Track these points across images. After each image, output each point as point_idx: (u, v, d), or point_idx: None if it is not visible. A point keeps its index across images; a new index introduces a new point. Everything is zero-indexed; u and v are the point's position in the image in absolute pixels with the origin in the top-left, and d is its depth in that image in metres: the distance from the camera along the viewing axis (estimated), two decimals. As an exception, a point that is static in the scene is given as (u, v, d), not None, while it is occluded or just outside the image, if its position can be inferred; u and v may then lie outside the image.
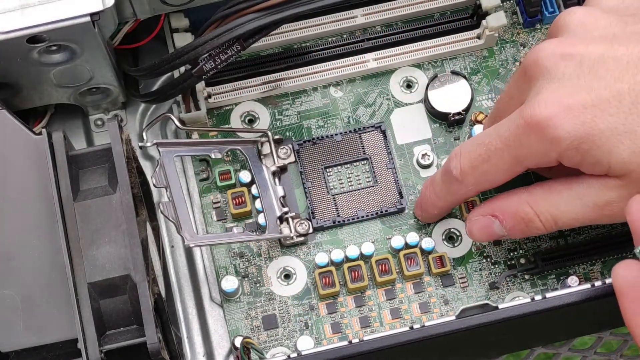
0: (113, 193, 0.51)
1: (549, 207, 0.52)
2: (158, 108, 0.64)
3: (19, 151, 0.52)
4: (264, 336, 0.58)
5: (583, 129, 0.49)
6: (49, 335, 0.49)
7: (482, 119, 0.62)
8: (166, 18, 0.61)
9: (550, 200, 0.52)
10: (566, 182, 0.52)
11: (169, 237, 0.62)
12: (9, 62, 0.55)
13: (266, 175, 0.60)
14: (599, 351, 0.73)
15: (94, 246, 0.50)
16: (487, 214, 0.55)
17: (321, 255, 0.59)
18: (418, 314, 0.59)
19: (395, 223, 0.61)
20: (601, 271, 0.60)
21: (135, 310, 0.49)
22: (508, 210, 0.54)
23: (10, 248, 0.50)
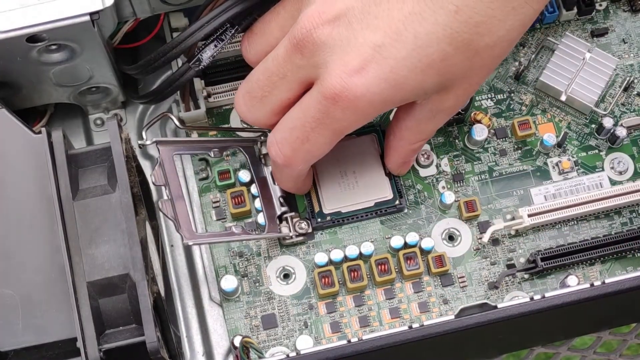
0: (112, 192, 0.51)
1: (424, 133, 0.56)
2: (158, 107, 0.65)
3: (19, 150, 0.52)
4: (263, 335, 0.58)
5: (382, 83, 0.49)
6: (48, 334, 0.49)
7: (481, 118, 0.62)
8: (166, 17, 0.61)
9: (421, 129, 0.56)
10: (416, 109, 0.54)
11: (169, 236, 0.62)
12: (9, 61, 0.55)
13: (265, 175, 0.60)
14: (598, 351, 0.73)
15: (93, 245, 0.50)
16: (401, 164, 0.60)
17: (320, 255, 0.59)
18: (417, 314, 0.59)
19: (394, 223, 0.61)
20: (600, 271, 0.60)
21: (135, 310, 0.49)
22: (411, 153, 0.59)
23: (9, 247, 0.50)
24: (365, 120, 0.52)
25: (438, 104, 0.53)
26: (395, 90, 0.50)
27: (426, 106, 0.53)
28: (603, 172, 0.62)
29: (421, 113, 0.54)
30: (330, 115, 0.50)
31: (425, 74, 0.49)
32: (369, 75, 0.49)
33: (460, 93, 0.52)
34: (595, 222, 0.61)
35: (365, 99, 0.49)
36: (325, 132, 0.51)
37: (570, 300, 0.51)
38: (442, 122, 0.55)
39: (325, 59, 0.50)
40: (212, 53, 0.56)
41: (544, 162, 0.62)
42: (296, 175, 0.56)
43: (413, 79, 0.49)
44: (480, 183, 0.62)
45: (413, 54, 0.48)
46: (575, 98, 0.62)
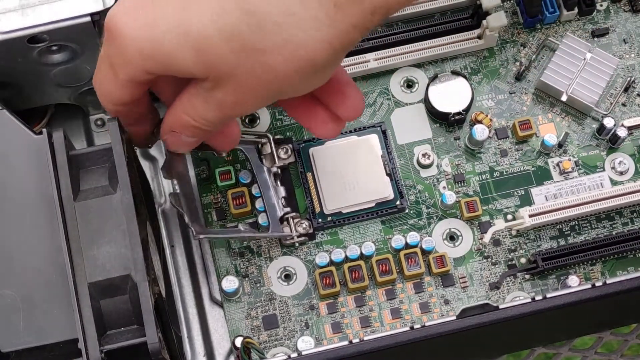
0: (113, 193, 0.51)
1: (195, 111, 0.50)
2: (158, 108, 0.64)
3: (20, 151, 0.52)
4: (264, 336, 0.58)
5: (141, 28, 0.46)
6: (49, 335, 0.49)
7: (482, 118, 0.62)
8: (166, 18, 0.61)
9: (194, 105, 0.50)
10: (195, 83, 0.49)
11: (169, 236, 0.62)
12: (10, 62, 0.55)
13: (267, 176, 0.60)
14: (599, 351, 0.73)
15: (95, 246, 0.50)
16: (168, 131, 0.53)
17: (321, 255, 0.59)
18: (418, 314, 0.59)
19: (395, 223, 0.61)
20: (601, 271, 0.60)
21: (136, 310, 0.49)
22: (178, 124, 0.51)
23: (10, 248, 0.50)
24: (140, 70, 0.47)
25: (209, 91, 0.48)
26: (152, 46, 0.46)
27: (201, 85, 0.48)
28: (604, 172, 0.62)
29: (196, 88, 0.49)
30: (106, 50, 0.48)
31: (182, 45, 0.45)
32: (132, 14, 0.46)
33: (229, 90, 0.47)
34: (596, 222, 0.61)
35: (125, 37, 0.46)
36: (105, 65, 0.49)
37: (572, 300, 0.51)
38: (218, 111, 0.49)
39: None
40: None
41: (544, 162, 0.62)
42: (108, 110, 0.52)
43: (169, 42, 0.45)
44: (481, 183, 0.62)
45: (176, 16, 0.45)
46: (576, 98, 0.62)
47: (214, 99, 0.48)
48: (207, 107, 0.49)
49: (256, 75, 0.46)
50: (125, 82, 0.49)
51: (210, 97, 0.48)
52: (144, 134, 0.54)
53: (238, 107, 0.49)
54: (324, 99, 0.54)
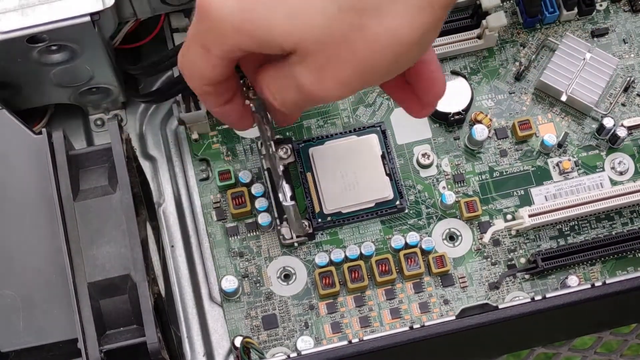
0: (113, 193, 0.51)
1: (276, 92, 0.49)
2: (158, 108, 0.64)
3: (19, 151, 0.52)
4: (264, 336, 0.58)
5: (238, 6, 0.45)
6: (49, 335, 0.49)
7: (482, 118, 0.62)
8: (166, 18, 0.61)
9: (276, 84, 0.49)
10: (280, 64, 0.48)
11: (169, 236, 0.62)
12: (9, 62, 0.55)
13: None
14: (599, 351, 0.73)
15: (94, 246, 0.50)
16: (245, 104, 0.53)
17: (321, 255, 0.59)
18: (418, 314, 0.59)
19: (395, 223, 0.61)
20: (601, 271, 0.60)
21: (135, 310, 0.49)
22: (259, 90, 0.51)
23: (10, 248, 0.50)
24: (226, 52, 0.47)
25: (292, 66, 0.47)
26: (245, 20, 0.45)
27: (284, 66, 0.47)
28: (604, 172, 0.62)
29: (276, 68, 0.48)
30: (198, 29, 0.47)
31: (274, 13, 0.45)
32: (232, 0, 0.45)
33: (313, 67, 0.46)
34: (595, 222, 0.61)
35: (216, 13, 0.46)
36: (196, 45, 0.48)
37: (571, 300, 0.51)
38: (297, 92, 0.48)
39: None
40: None
41: (544, 163, 0.62)
42: (197, 92, 0.51)
43: (262, 13, 0.45)
44: (480, 183, 0.62)
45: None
46: (575, 98, 0.62)
47: (295, 80, 0.47)
48: (290, 90, 0.48)
49: (348, 45, 0.44)
50: (217, 60, 0.48)
51: (293, 77, 0.47)
52: (237, 111, 0.53)
53: (316, 90, 0.47)
54: (411, 80, 0.52)
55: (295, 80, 0.47)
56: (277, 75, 0.48)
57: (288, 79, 0.48)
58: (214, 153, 0.62)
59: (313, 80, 0.46)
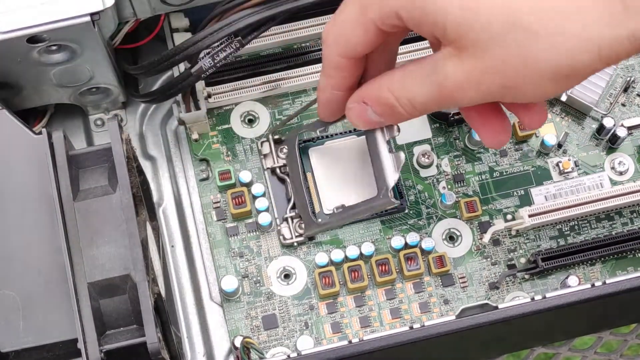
0: (113, 193, 0.51)
1: (404, 90, 0.48)
2: (158, 108, 0.65)
3: (19, 151, 0.52)
4: (264, 336, 0.58)
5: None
6: (49, 335, 0.49)
7: (482, 118, 0.62)
8: (166, 18, 0.61)
9: (405, 83, 0.48)
10: (418, 62, 0.48)
11: (169, 236, 0.62)
12: (9, 62, 0.55)
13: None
14: (599, 351, 0.73)
15: (94, 246, 0.50)
16: (359, 101, 0.51)
17: (321, 255, 0.59)
18: (418, 314, 0.59)
19: (395, 223, 0.61)
20: (601, 271, 0.60)
21: (135, 310, 0.49)
22: (373, 96, 0.50)
23: (10, 248, 0.50)
24: (384, 17, 0.46)
25: (443, 65, 0.46)
26: (423, 3, 0.44)
27: (430, 60, 0.47)
28: (603, 172, 0.62)
29: (416, 66, 0.48)
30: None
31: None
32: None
33: (465, 66, 0.45)
34: (595, 222, 0.61)
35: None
36: (355, 4, 0.48)
37: (571, 300, 0.51)
38: (436, 92, 0.47)
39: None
40: (214, 63, 0.56)
41: (544, 163, 0.62)
42: (327, 61, 0.51)
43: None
44: (480, 183, 0.62)
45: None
46: (575, 98, 0.62)
47: (442, 73, 0.46)
48: (426, 85, 0.47)
49: (507, 58, 0.44)
50: (369, 25, 0.47)
51: (439, 71, 0.46)
52: (343, 103, 0.52)
53: (460, 93, 0.46)
54: (513, 106, 0.51)
55: (441, 75, 0.46)
56: (417, 73, 0.47)
57: (430, 76, 0.46)
58: (214, 153, 0.62)
59: (462, 80, 0.45)
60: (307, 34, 0.63)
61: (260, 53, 0.64)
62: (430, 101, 0.48)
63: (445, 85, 0.46)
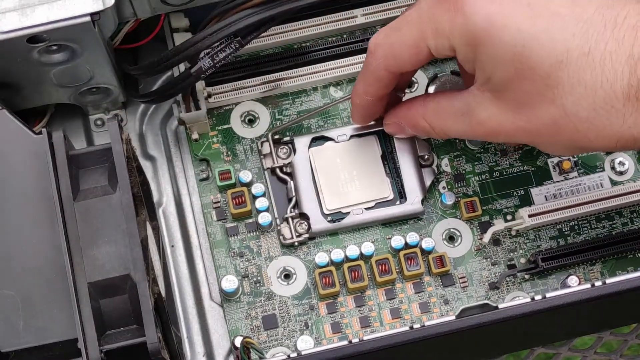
0: (113, 193, 0.51)
1: (439, 122, 0.54)
2: (158, 107, 0.64)
3: (19, 151, 0.52)
4: (264, 336, 0.58)
5: (486, 13, 0.47)
6: (49, 335, 0.49)
7: (482, 118, 0.62)
8: (166, 18, 0.61)
9: (439, 115, 0.53)
10: (451, 96, 0.52)
11: (169, 236, 0.62)
12: (9, 62, 0.55)
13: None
14: (599, 351, 0.73)
15: (94, 246, 0.50)
16: (396, 121, 0.57)
17: (321, 255, 0.59)
18: (418, 314, 0.59)
19: (395, 223, 0.61)
20: (601, 271, 0.60)
21: (135, 310, 0.49)
22: (409, 121, 0.56)
23: (10, 248, 0.50)
24: (440, 47, 0.50)
25: (478, 103, 0.50)
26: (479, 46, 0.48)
27: (467, 99, 0.51)
28: (603, 172, 0.62)
29: (451, 100, 0.52)
30: (432, 13, 0.50)
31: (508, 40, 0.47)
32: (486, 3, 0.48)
33: (499, 112, 0.50)
34: (595, 222, 0.61)
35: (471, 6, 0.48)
36: (415, 28, 0.51)
37: (571, 300, 0.51)
38: (468, 130, 0.53)
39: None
40: (214, 63, 0.56)
41: (544, 163, 0.62)
42: (370, 73, 0.54)
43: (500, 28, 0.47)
44: (480, 183, 0.62)
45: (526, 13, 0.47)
46: (575, 98, 0.62)
47: (475, 117, 0.51)
48: (459, 123, 0.52)
49: (544, 125, 0.49)
50: (424, 49, 0.51)
51: (473, 115, 0.51)
52: (374, 108, 0.57)
53: (490, 136, 0.52)
54: None
55: (472, 120, 0.51)
56: (450, 110, 0.52)
57: (464, 116, 0.51)
58: (214, 153, 0.62)
59: (495, 129, 0.51)
60: (307, 34, 0.63)
61: (260, 53, 0.64)
62: (462, 135, 0.54)
63: (478, 128, 0.51)
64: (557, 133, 0.49)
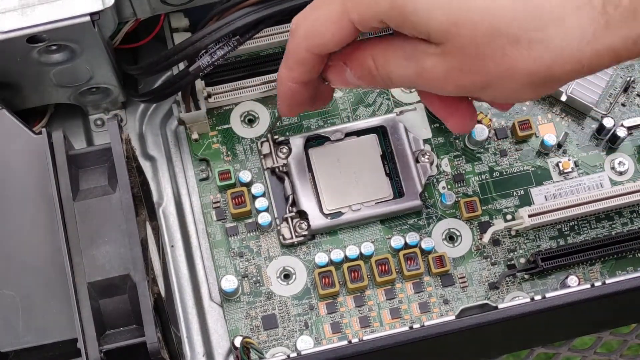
0: (113, 193, 0.51)
1: (385, 63, 0.49)
2: (158, 107, 0.64)
3: (19, 151, 0.52)
4: (263, 336, 0.58)
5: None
6: (49, 334, 0.49)
7: (482, 118, 0.62)
8: (166, 18, 0.61)
9: (387, 57, 0.49)
10: (403, 40, 0.48)
11: (169, 236, 0.62)
12: (9, 62, 0.55)
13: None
14: (598, 351, 0.73)
15: (94, 246, 0.50)
16: (340, 60, 0.51)
17: (321, 255, 0.59)
18: (418, 314, 0.59)
19: (394, 223, 0.61)
20: (601, 271, 0.60)
21: (135, 310, 0.49)
22: (356, 59, 0.50)
23: (10, 248, 0.50)
24: (367, 20, 0.47)
25: (424, 55, 0.47)
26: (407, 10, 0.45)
27: (413, 45, 0.47)
28: (603, 173, 0.62)
29: (403, 45, 0.48)
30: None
31: (439, 6, 0.45)
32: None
33: (447, 66, 0.46)
34: (595, 222, 0.61)
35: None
36: (336, 4, 0.48)
37: (571, 300, 0.51)
38: (414, 76, 0.48)
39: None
40: (212, 61, 0.56)
41: (544, 163, 0.62)
42: (293, 54, 0.51)
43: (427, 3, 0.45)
44: (480, 183, 0.62)
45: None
46: (575, 98, 0.62)
47: (421, 64, 0.47)
48: (403, 67, 0.48)
49: (487, 62, 0.45)
50: (347, 24, 0.48)
51: (419, 61, 0.47)
52: (300, 98, 0.53)
53: (438, 82, 0.47)
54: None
55: (420, 65, 0.47)
56: (399, 53, 0.48)
57: (410, 61, 0.47)
58: (214, 153, 0.62)
59: (442, 74, 0.46)
60: (307, 34, 0.63)
61: (260, 53, 0.64)
62: (407, 82, 0.49)
63: (424, 75, 0.47)
64: (508, 66, 0.45)
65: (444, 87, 0.48)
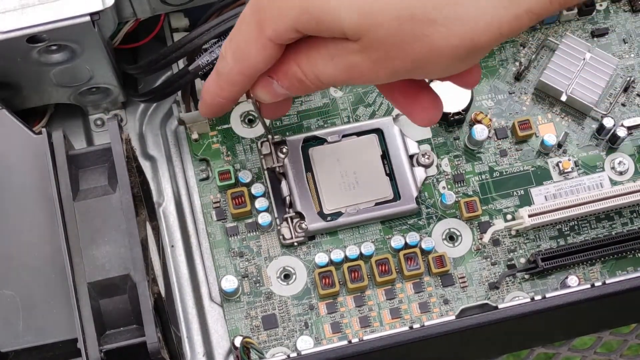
0: (113, 193, 0.51)
1: (312, 66, 0.49)
2: (158, 107, 0.65)
3: (19, 151, 0.52)
4: (263, 336, 0.58)
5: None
6: (49, 334, 0.49)
7: (482, 118, 0.62)
8: (166, 18, 0.61)
9: (312, 60, 0.49)
10: (324, 40, 0.48)
11: (169, 236, 0.62)
12: (9, 62, 0.55)
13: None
14: (598, 351, 0.73)
15: (94, 246, 0.50)
16: (265, 74, 0.51)
17: (321, 255, 0.59)
18: (418, 314, 0.59)
19: (394, 223, 0.61)
20: (601, 271, 0.60)
21: (135, 310, 0.49)
22: (280, 70, 0.50)
23: (10, 248, 0.50)
24: (282, 30, 0.47)
25: (347, 52, 0.47)
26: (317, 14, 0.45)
27: (334, 44, 0.47)
28: (603, 172, 0.62)
29: (325, 45, 0.48)
30: (260, 4, 0.47)
31: (348, 3, 0.44)
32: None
33: (371, 57, 0.46)
34: (595, 222, 0.61)
35: (292, 3, 0.46)
36: (251, 22, 0.48)
37: (571, 300, 0.51)
38: (344, 73, 0.48)
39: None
40: (212, 60, 0.56)
41: (544, 162, 0.62)
42: (224, 76, 0.51)
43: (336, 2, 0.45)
44: (480, 183, 0.62)
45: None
46: (575, 98, 0.62)
47: (346, 61, 0.47)
48: (330, 66, 0.48)
49: (410, 46, 0.45)
50: (267, 42, 0.48)
51: (343, 58, 0.47)
52: (226, 108, 0.53)
53: (368, 74, 0.47)
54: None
55: (346, 62, 0.47)
56: (323, 53, 0.48)
57: (336, 59, 0.47)
58: (214, 153, 0.62)
59: (369, 66, 0.46)
60: (307, 34, 0.63)
61: (260, 53, 0.63)
62: (338, 80, 0.49)
63: (354, 71, 0.47)
64: (430, 45, 0.45)
65: (376, 77, 0.48)
